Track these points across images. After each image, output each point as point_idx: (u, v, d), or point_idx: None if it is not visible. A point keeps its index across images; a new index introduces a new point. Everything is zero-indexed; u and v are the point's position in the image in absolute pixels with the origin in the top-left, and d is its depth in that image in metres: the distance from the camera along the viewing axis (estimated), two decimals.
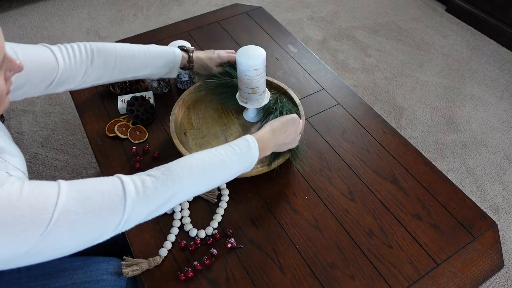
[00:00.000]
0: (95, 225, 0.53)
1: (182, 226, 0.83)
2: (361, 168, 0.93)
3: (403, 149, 0.97)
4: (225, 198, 0.87)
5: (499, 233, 1.11)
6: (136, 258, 0.77)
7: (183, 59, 0.95)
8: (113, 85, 1.08)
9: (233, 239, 0.80)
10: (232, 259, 0.78)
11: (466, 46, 2.15)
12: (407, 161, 0.94)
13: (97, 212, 0.53)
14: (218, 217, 0.84)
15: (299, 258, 0.78)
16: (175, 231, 0.82)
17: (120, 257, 0.79)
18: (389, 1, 2.48)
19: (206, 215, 0.85)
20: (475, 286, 0.75)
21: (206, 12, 1.43)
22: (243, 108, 1.02)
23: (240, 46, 1.27)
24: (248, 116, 1.02)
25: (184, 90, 1.07)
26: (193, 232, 0.81)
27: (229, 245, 0.79)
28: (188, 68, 0.98)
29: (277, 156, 0.88)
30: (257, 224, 0.83)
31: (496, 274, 1.28)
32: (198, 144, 0.97)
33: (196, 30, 1.34)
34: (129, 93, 1.09)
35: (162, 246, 0.79)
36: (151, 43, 1.11)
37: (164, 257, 0.78)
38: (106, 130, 1.01)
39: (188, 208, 0.86)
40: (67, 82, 0.79)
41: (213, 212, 0.85)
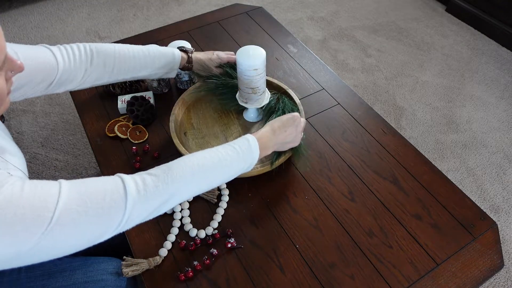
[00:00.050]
0: (96, 224, 0.53)
1: (182, 226, 0.83)
2: (361, 168, 0.93)
3: (403, 149, 0.97)
4: (225, 198, 0.87)
5: (499, 233, 1.11)
6: (136, 258, 0.77)
7: (182, 60, 0.95)
8: (113, 85, 1.08)
9: (233, 239, 0.80)
10: (232, 259, 0.78)
11: (466, 46, 2.15)
12: (407, 161, 0.94)
13: (98, 211, 0.53)
14: (218, 217, 0.84)
15: (299, 258, 0.78)
16: (175, 231, 0.82)
17: (120, 257, 0.79)
18: (389, 1, 2.48)
19: (206, 215, 0.85)
20: (475, 286, 0.75)
21: (206, 12, 1.43)
22: (243, 108, 1.02)
23: (240, 46, 1.27)
24: (248, 116, 1.02)
25: (184, 90, 1.07)
26: (193, 232, 0.81)
27: (229, 245, 0.79)
28: (188, 69, 0.98)
29: (279, 155, 0.88)
30: (257, 224, 0.83)
31: (496, 274, 1.28)
32: (198, 144, 0.97)
33: (196, 30, 1.34)
34: (129, 93, 1.09)
35: (162, 246, 0.79)
36: (151, 43, 1.11)
37: (164, 257, 0.78)
38: (106, 130, 1.01)
39: (188, 208, 0.86)
40: (67, 83, 0.79)
41: (213, 212, 0.85)
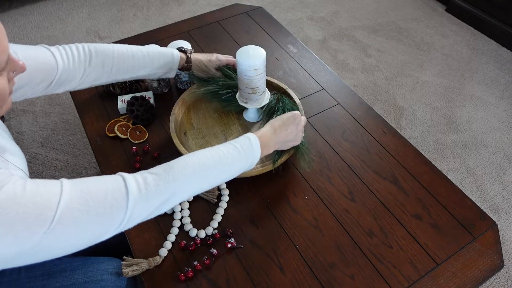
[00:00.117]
0: (98, 223, 0.53)
1: (182, 226, 0.83)
2: (361, 168, 0.93)
3: (403, 149, 0.97)
4: (225, 198, 0.87)
5: (499, 233, 1.11)
6: (136, 258, 0.77)
7: (181, 60, 0.95)
8: (113, 85, 1.08)
9: (233, 239, 0.80)
10: (232, 259, 0.78)
11: (466, 46, 2.15)
12: (407, 161, 0.94)
13: (100, 210, 0.53)
14: (218, 217, 0.84)
15: (299, 258, 0.78)
16: (175, 231, 0.82)
17: (120, 257, 0.79)
18: (389, 1, 2.48)
19: (206, 215, 0.85)
20: (475, 286, 0.75)
21: (206, 12, 1.43)
22: (243, 108, 1.02)
23: (240, 46, 1.27)
24: (248, 116, 1.02)
25: (184, 90, 1.07)
26: (193, 232, 0.81)
27: (229, 245, 0.79)
28: (187, 69, 0.98)
29: (281, 154, 0.88)
30: (257, 224, 0.83)
31: (496, 274, 1.28)
32: (198, 144, 0.97)
33: (196, 30, 1.34)
34: (129, 93, 1.09)
35: (162, 246, 0.79)
36: (151, 43, 1.11)
37: (164, 257, 0.78)
38: (106, 130, 1.01)
39: (188, 208, 0.86)
40: (66, 83, 0.79)
41: (213, 212, 0.85)
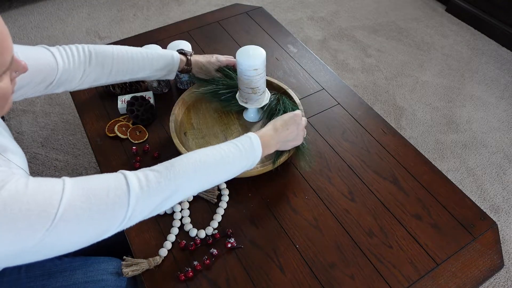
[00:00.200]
0: (100, 221, 0.53)
1: (182, 226, 0.83)
2: (361, 168, 0.93)
3: (403, 149, 0.97)
4: (225, 198, 0.87)
5: (499, 233, 1.11)
6: (136, 258, 0.77)
7: (181, 62, 0.95)
8: (113, 85, 1.08)
9: (233, 239, 0.80)
10: (232, 259, 0.78)
11: (466, 46, 2.15)
12: (407, 161, 0.94)
13: (102, 208, 0.53)
14: (218, 217, 0.84)
15: (299, 258, 0.78)
16: (175, 231, 0.82)
17: (120, 257, 0.79)
18: (389, 1, 2.48)
19: (206, 215, 0.85)
20: (475, 286, 0.75)
21: (206, 12, 1.43)
22: (243, 108, 1.02)
23: (240, 46, 1.27)
24: (248, 116, 1.02)
25: (184, 90, 1.07)
26: (193, 232, 0.81)
27: (229, 245, 0.79)
28: (187, 72, 0.98)
29: (281, 154, 0.88)
30: (257, 224, 0.83)
31: (496, 274, 1.28)
32: (198, 144, 0.97)
33: (196, 30, 1.34)
34: (129, 93, 1.09)
35: (162, 246, 0.79)
36: (151, 43, 1.12)
37: (164, 257, 0.78)
38: (106, 130, 1.01)
39: (188, 208, 0.86)
40: (66, 83, 0.79)
41: (213, 212, 0.85)
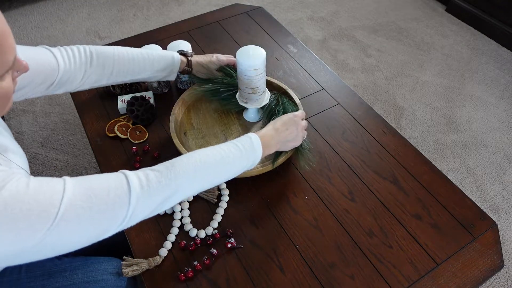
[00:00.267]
0: (101, 220, 0.53)
1: (182, 226, 0.83)
2: (361, 168, 0.93)
3: (403, 149, 0.97)
4: (225, 198, 0.87)
5: (499, 233, 1.11)
6: (136, 258, 0.77)
7: (182, 63, 0.95)
8: (113, 85, 1.08)
9: (233, 239, 0.80)
10: (232, 259, 0.78)
11: (466, 46, 2.15)
12: (407, 161, 0.94)
13: (103, 207, 0.53)
14: (218, 217, 0.84)
15: (299, 258, 0.78)
16: (175, 231, 0.82)
17: (120, 257, 0.79)
18: (389, 1, 2.48)
19: (206, 215, 0.85)
20: (475, 286, 0.75)
21: (206, 12, 1.43)
22: (243, 108, 1.02)
23: (240, 46, 1.27)
24: (248, 116, 1.02)
25: (184, 90, 1.07)
26: (193, 232, 0.81)
27: (229, 245, 0.79)
28: (187, 72, 0.98)
29: (280, 155, 0.88)
30: (257, 224, 0.83)
31: (496, 274, 1.28)
32: (198, 144, 0.97)
33: (196, 30, 1.34)
34: (129, 93, 1.09)
35: (162, 246, 0.79)
36: (151, 43, 1.12)
37: (164, 257, 0.78)
38: (106, 130, 1.01)
39: (188, 208, 0.86)
40: (67, 84, 0.79)
41: (213, 212, 0.85)
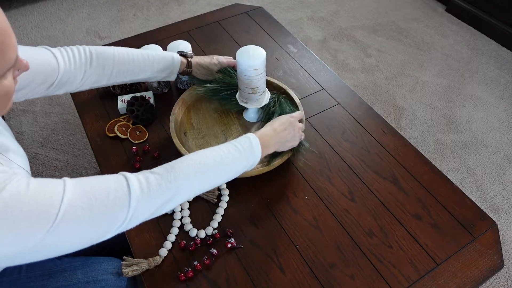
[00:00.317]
0: (100, 222, 0.53)
1: (182, 226, 0.83)
2: (361, 168, 0.93)
3: (403, 149, 0.97)
4: (225, 198, 0.87)
5: (499, 233, 1.11)
6: (136, 258, 0.77)
7: (182, 65, 0.95)
8: (113, 85, 1.08)
9: (233, 239, 0.80)
10: (232, 259, 0.78)
11: (466, 46, 2.15)
12: (407, 161, 0.94)
13: (103, 209, 0.53)
14: (218, 217, 0.84)
15: (299, 258, 0.78)
16: (175, 231, 0.82)
17: (120, 257, 0.79)
18: (389, 1, 2.48)
19: (206, 215, 0.85)
20: (475, 286, 0.75)
21: (206, 12, 1.43)
22: (243, 108, 1.02)
23: (240, 46, 1.27)
24: (248, 116, 1.02)
25: (184, 90, 1.07)
26: (193, 232, 0.81)
27: (229, 245, 0.79)
28: (187, 74, 0.98)
29: (278, 156, 0.88)
30: (257, 224, 0.83)
31: (496, 274, 1.28)
32: (198, 144, 0.97)
33: (196, 30, 1.34)
34: (129, 93, 1.09)
35: (162, 246, 0.79)
36: (151, 43, 1.11)
37: (164, 257, 0.78)
38: (106, 130, 1.01)
39: (188, 208, 0.86)
40: (67, 84, 0.79)
41: (213, 212, 0.85)
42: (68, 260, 0.79)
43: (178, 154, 0.92)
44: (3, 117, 1.72)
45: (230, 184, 0.89)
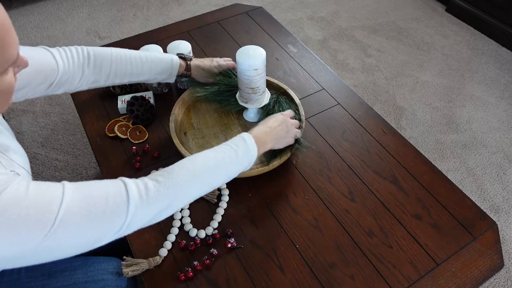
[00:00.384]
0: (98, 227, 0.53)
1: (182, 226, 0.83)
2: (361, 168, 0.93)
3: (403, 149, 0.97)
4: (225, 198, 0.87)
5: (499, 233, 1.11)
6: (136, 258, 0.77)
7: (181, 67, 0.95)
8: (113, 85, 1.08)
9: (233, 239, 0.80)
10: (232, 259, 0.78)
11: (466, 46, 2.15)
12: (407, 161, 0.94)
13: (101, 215, 0.53)
14: (218, 217, 0.84)
15: (299, 258, 0.78)
16: (175, 231, 0.82)
17: (120, 257, 0.79)
18: (389, 1, 2.48)
19: (206, 215, 0.85)
20: (475, 286, 0.75)
21: (206, 12, 1.43)
22: (243, 108, 1.02)
23: (240, 46, 1.27)
24: (248, 116, 1.02)
25: (184, 90, 1.07)
26: (193, 232, 0.81)
27: (229, 245, 0.79)
28: (186, 76, 0.98)
29: (277, 156, 0.88)
30: (257, 224, 0.83)
31: (496, 274, 1.28)
32: (198, 144, 0.97)
33: (196, 30, 1.34)
34: (129, 93, 1.09)
35: (162, 246, 0.79)
36: (151, 43, 1.12)
37: (164, 257, 0.78)
38: (106, 130, 1.01)
39: (188, 208, 0.86)
40: (66, 84, 0.80)
41: (213, 212, 0.85)
42: (68, 260, 0.79)
43: (178, 154, 0.92)
44: (4, 117, 1.73)
45: (230, 184, 0.89)
